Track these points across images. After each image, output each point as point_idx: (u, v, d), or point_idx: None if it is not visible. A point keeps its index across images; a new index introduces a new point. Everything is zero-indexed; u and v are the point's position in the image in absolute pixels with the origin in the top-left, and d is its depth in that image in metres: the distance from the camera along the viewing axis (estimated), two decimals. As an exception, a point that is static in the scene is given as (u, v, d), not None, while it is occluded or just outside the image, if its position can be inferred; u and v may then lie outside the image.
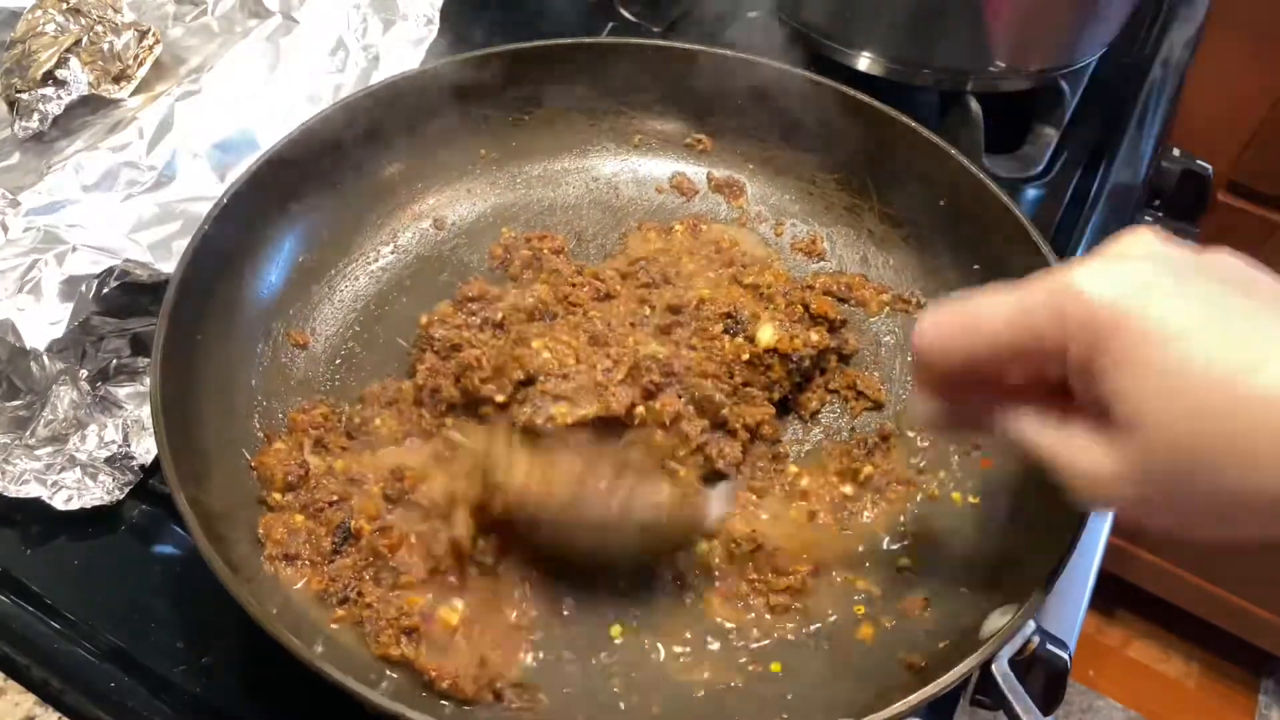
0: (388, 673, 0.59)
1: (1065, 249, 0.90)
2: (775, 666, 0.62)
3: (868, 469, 0.70)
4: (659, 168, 0.90)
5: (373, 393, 0.71)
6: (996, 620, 0.57)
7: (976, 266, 0.78)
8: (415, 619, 0.59)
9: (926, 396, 0.52)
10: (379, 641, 0.59)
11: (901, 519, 0.69)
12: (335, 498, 0.65)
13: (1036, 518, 0.65)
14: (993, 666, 0.54)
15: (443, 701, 0.58)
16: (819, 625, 0.64)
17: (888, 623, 0.63)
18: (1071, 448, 0.45)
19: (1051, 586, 0.56)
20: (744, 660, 0.62)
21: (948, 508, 0.69)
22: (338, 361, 0.75)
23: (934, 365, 0.49)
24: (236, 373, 0.71)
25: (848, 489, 0.70)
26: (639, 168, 0.90)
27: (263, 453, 0.67)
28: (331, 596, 0.61)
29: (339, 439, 0.69)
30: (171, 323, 0.63)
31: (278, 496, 0.65)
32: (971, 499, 0.69)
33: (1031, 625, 0.56)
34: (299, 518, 0.64)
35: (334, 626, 0.60)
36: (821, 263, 0.84)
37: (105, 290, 0.69)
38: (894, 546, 0.68)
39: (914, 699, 0.52)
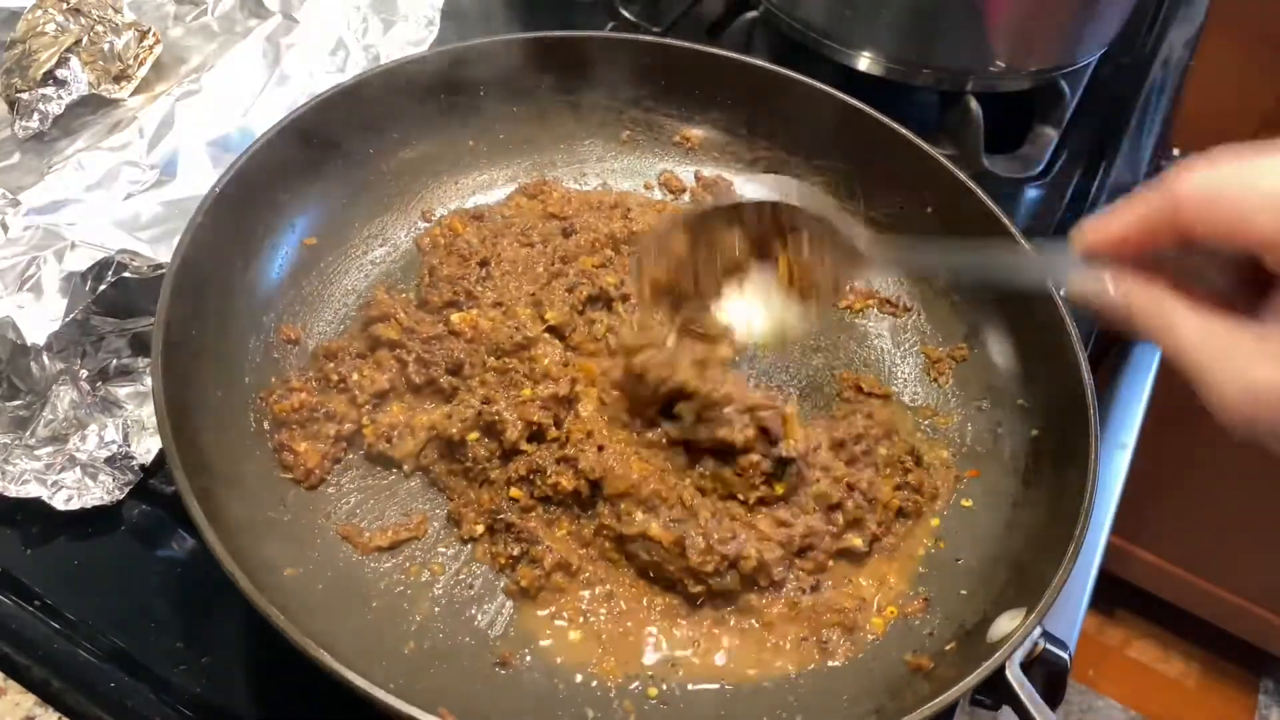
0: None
1: (1065, 249, 0.90)
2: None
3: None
4: (647, 165, 0.90)
5: (334, 347, 0.71)
6: (1006, 624, 0.58)
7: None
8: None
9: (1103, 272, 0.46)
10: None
11: None
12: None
13: (1031, 523, 0.66)
14: (1006, 671, 0.54)
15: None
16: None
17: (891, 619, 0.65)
18: (1239, 354, 0.39)
19: (1059, 590, 0.56)
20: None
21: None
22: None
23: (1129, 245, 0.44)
24: (232, 370, 0.69)
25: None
26: (627, 164, 0.90)
27: (292, 466, 0.66)
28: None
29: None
30: (170, 317, 0.62)
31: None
32: (964, 502, 0.70)
33: (1039, 629, 0.57)
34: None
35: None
36: None
37: (104, 286, 0.69)
38: None
39: (936, 702, 0.52)
